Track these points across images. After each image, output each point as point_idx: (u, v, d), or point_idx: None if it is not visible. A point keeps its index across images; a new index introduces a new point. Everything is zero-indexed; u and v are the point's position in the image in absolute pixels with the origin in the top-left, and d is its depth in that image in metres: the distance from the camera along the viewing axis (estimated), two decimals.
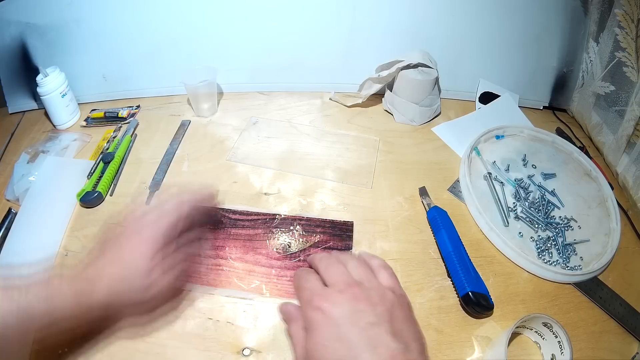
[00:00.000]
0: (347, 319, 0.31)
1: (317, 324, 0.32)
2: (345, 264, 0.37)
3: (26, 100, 0.71)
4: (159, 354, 0.39)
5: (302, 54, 0.72)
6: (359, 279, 0.35)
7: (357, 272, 0.36)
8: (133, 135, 0.65)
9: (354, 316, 0.31)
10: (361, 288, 0.33)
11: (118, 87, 0.72)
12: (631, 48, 0.58)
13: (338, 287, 0.33)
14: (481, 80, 0.74)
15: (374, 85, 0.69)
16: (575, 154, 0.62)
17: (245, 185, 0.57)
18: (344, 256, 0.39)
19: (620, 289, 0.47)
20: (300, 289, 0.36)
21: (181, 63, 0.69)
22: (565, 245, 0.50)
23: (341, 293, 0.33)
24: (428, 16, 0.69)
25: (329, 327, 0.31)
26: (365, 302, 0.32)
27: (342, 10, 0.68)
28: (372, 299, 0.32)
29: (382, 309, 0.32)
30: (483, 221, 0.52)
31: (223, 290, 0.45)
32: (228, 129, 0.66)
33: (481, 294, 0.43)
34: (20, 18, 0.64)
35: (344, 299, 0.32)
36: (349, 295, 0.32)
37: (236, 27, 0.69)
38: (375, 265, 0.38)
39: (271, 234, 0.50)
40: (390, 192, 0.57)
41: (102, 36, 0.67)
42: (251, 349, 0.40)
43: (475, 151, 0.61)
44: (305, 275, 0.37)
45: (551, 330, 0.40)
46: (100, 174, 0.57)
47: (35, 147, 0.62)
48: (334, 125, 0.68)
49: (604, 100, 0.66)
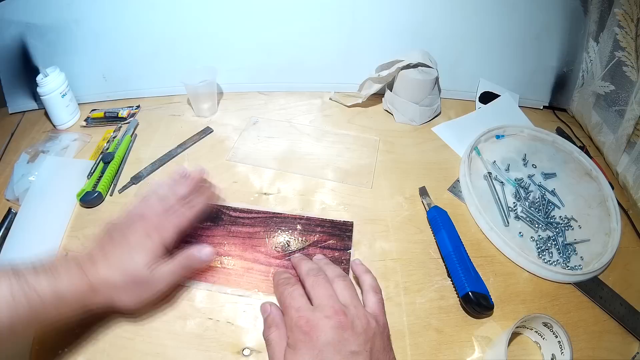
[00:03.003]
0: (331, 346, 0.32)
1: (301, 345, 0.33)
2: (333, 284, 0.38)
3: (26, 100, 0.71)
4: (159, 354, 0.39)
5: (302, 53, 0.72)
6: (344, 303, 0.36)
7: (344, 295, 0.37)
8: (133, 135, 0.65)
9: (338, 344, 0.33)
10: (347, 316, 0.35)
11: (118, 87, 0.72)
12: (631, 47, 0.58)
13: (325, 312, 0.35)
14: (481, 80, 0.74)
15: (374, 85, 0.69)
16: (576, 154, 0.62)
17: (245, 185, 0.57)
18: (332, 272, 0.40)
19: (621, 289, 0.47)
20: (286, 306, 0.37)
21: (181, 63, 0.69)
22: (565, 245, 0.50)
23: (328, 319, 0.34)
24: (428, 16, 0.69)
25: (312, 351, 0.32)
26: (350, 332, 0.33)
27: (342, 10, 0.68)
28: (356, 328, 0.34)
29: (365, 338, 0.34)
30: (483, 221, 0.52)
31: (221, 288, 0.45)
32: (228, 129, 0.66)
33: (481, 294, 0.43)
34: (20, 18, 0.64)
35: (330, 326, 0.33)
36: (334, 322, 0.34)
37: (236, 27, 0.69)
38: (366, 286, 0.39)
39: (271, 233, 0.50)
40: (390, 192, 0.57)
41: (102, 36, 0.67)
42: (251, 349, 0.40)
43: (476, 151, 0.61)
44: (290, 291, 0.38)
45: (551, 330, 0.40)
46: (100, 174, 0.57)
47: (35, 147, 0.62)
48: (334, 125, 0.68)
49: (604, 100, 0.66)
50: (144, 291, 0.39)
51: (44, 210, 0.53)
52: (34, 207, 0.53)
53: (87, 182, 0.56)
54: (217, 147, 0.63)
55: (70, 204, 0.54)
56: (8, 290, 0.31)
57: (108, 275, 0.36)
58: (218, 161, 0.61)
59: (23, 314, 0.32)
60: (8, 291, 0.31)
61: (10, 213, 0.52)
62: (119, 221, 0.41)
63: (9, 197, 0.55)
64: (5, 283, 0.32)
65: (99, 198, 0.54)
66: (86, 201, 0.53)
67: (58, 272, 0.34)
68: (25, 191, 0.54)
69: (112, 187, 0.56)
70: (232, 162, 0.61)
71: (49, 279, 0.33)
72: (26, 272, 0.33)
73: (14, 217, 0.51)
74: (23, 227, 0.50)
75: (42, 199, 0.54)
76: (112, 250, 0.38)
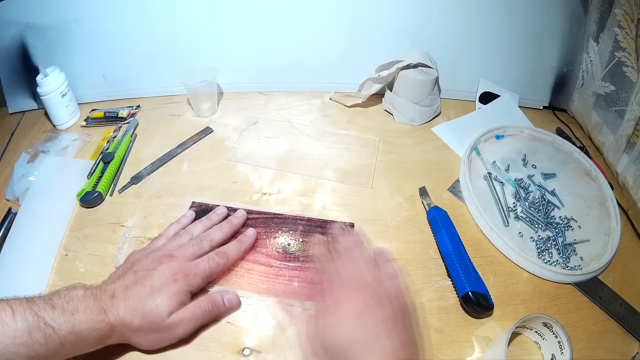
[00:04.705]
0: (359, 313, 0.35)
1: (334, 311, 0.36)
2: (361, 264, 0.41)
3: (26, 100, 0.71)
4: (159, 354, 0.39)
5: (302, 54, 0.72)
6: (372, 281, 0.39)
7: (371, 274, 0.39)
8: (133, 135, 0.65)
9: (365, 313, 0.35)
10: (373, 291, 0.37)
11: (118, 87, 0.72)
12: (631, 48, 0.58)
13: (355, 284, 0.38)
14: (481, 80, 0.74)
15: (374, 85, 0.69)
16: (575, 154, 0.62)
17: (245, 185, 0.57)
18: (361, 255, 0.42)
19: (620, 289, 0.47)
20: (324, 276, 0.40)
21: (181, 63, 0.69)
22: (565, 245, 0.50)
23: (358, 291, 0.37)
24: (428, 16, 0.69)
25: (343, 315, 0.35)
26: (375, 303, 0.36)
27: (342, 10, 0.68)
28: (381, 301, 0.36)
29: (388, 311, 0.36)
30: (483, 221, 0.52)
31: (220, 288, 0.45)
32: (228, 129, 0.66)
33: (481, 294, 0.43)
34: (20, 18, 0.64)
35: (358, 296, 0.36)
36: (363, 294, 0.37)
37: (236, 27, 0.69)
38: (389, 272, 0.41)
39: (271, 234, 0.50)
40: (390, 192, 0.57)
41: (102, 36, 0.67)
42: (251, 349, 0.40)
43: (475, 151, 0.61)
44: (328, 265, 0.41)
45: (551, 330, 0.40)
46: (100, 174, 0.57)
47: (35, 147, 0.62)
48: (334, 125, 0.68)
49: (604, 100, 0.66)
50: (162, 336, 0.37)
51: (44, 210, 0.53)
52: (34, 207, 0.53)
53: (87, 182, 0.56)
54: (217, 147, 0.63)
55: (70, 204, 0.54)
56: (25, 329, 0.30)
57: (127, 318, 0.35)
58: (218, 161, 0.61)
59: (40, 352, 0.30)
60: (26, 329, 0.30)
61: (10, 213, 0.52)
62: (145, 256, 0.40)
63: (9, 197, 0.55)
64: (21, 319, 0.30)
65: (99, 198, 0.54)
66: (86, 201, 0.53)
67: (77, 311, 0.33)
68: (25, 191, 0.54)
69: (112, 187, 0.56)
70: (232, 162, 0.61)
71: (67, 318, 0.32)
72: (44, 307, 0.32)
73: (14, 217, 0.51)
74: (23, 227, 0.50)
75: (42, 199, 0.54)
76: (134, 290, 0.36)
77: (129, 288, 0.37)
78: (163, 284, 0.37)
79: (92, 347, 0.34)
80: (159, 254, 0.40)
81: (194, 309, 0.39)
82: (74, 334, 0.32)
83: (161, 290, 0.37)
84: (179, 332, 0.38)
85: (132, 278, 0.38)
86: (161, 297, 0.36)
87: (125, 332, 0.35)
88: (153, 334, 0.37)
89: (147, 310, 0.36)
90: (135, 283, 0.37)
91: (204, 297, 0.40)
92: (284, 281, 0.46)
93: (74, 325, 0.32)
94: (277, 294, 0.44)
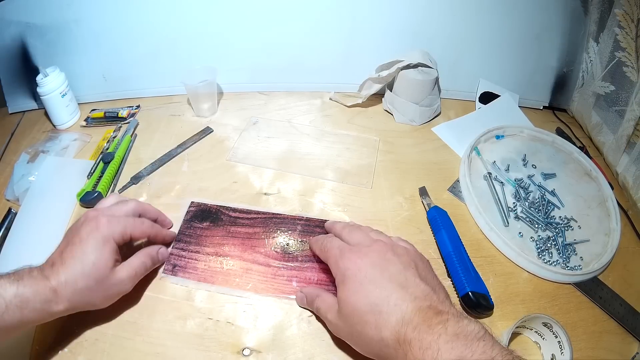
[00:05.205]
0: (377, 266, 0.35)
1: (350, 274, 0.35)
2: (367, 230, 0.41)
3: (26, 100, 0.71)
4: (159, 354, 0.39)
5: (302, 54, 0.72)
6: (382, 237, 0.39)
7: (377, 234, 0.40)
8: (133, 135, 0.65)
9: (383, 264, 0.35)
10: (385, 245, 0.37)
11: (118, 87, 0.72)
12: (631, 48, 0.58)
13: (365, 243, 0.38)
14: (481, 80, 0.74)
15: (374, 85, 0.69)
16: (575, 154, 0.62)
17: (245, 185, 0.57)
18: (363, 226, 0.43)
19: (620, 289, 0.47)
20: (328, 248, 0.40)
21: (181, 63, 0.69)
22: (565, 245, 0.50)
23: (369, 247, 0.37)
24: (428, 16, 0.69)
25: (361, 274, 0.35)
26: (391, 252, 0.36)
27: (342, 10, 0.68)
28: (397, 250, 0.36)
29: (407, 259, 0.36)
30: (483, 221, 0.52)
31: (219, 288, 0.45)
32: (228, 129, 0.66)
33: (481, 294, 0.43)
34: (20, 18, 0.64)
35: (372, 250, 0.36)
36: (376, 247, 0.37)
37: (236, 27, 0.69)
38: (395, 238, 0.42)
39: (270, 233, 0.50)
40: (390, 192, 0.57)
41: (102, 36, 0.67)
42: (251, 349, 0.40)
43: (475, 151, 0.61)
44: (328, 239, 0.41)
45: (551, 330, 0.40)
46: (100, 174, 0.57)
47: (35, 147, 0.62)
48: (334, 125, 0.68)
49: (604, 100, 0.66)
50: (109, 289, 0.38)
51: (44, 210, 0.53)
52: (34, 207, 0.53)
53: (87, 182, 0.56)
54: (217, 147, 0.63)
55: (70, 204, 0.54)
56: None
57: (70, 280, 0.35)
58: (218, 161, 0.61)
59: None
60: None
61: (10, 213, 0.52)
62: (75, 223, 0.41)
63: (9, 197, 0.55)
64: None
65: (99, 198, 0.54)
66: (86, 201, 0.53)
67: (22, 278, 0.34)
68: (25, 191, 0.54)
69: (112, 187, 0.56)
70: (232, 162, 0.61)
71: (12, 283, 0.33)
72: None
73: (14, 217, 0.51)
74: (23, 227, 0.50)
75: (42, 199, 0.54)
76: (67, 252, 0.37)
77: (64, 252, 0.37)
78: (88, 234, 0.38)
79: (40, 314, 0.34)
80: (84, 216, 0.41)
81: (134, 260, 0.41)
82: (18, 297, 0.33)
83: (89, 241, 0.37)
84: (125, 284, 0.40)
85: (64, 242, 0.39)
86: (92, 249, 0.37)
87: (72, 295, 0.36)
88: (99, 289, 0.37)
89: (84, 268, 0.36)
90: (67, 244, 0.38)
91: (141, 251, 0.43)
92: (282, 281, 0.46)
93: (17, 289, 0.33)
94: (276, 294, 0.44)
